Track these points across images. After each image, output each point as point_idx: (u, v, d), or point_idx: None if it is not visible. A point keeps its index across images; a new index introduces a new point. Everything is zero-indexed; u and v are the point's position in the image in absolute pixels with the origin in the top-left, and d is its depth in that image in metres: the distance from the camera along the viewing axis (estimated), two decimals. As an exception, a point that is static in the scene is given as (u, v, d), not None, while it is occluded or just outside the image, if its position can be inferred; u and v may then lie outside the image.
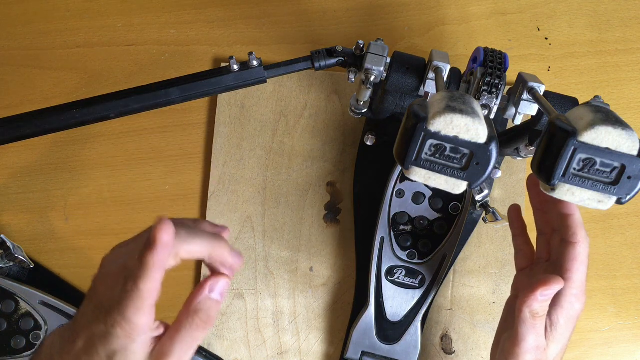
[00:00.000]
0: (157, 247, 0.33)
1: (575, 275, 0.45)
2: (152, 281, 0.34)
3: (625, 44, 0.64)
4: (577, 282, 0.45)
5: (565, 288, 0.45)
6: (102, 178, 0.62)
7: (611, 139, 0.33)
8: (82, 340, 0.36)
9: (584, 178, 0.35)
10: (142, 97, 0.48)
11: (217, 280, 0.38)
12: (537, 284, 0.44)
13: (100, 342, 0.35)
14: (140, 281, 0.34)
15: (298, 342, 0.60)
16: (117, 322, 0.34)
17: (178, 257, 0.36)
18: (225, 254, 0.39)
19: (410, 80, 0.48)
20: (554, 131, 0.34)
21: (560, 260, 0.46)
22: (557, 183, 0.35)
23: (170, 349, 0.36)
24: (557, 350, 0.46)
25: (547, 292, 0.44)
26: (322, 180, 0.62)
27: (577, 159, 0.34)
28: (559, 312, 0.45)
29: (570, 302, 0.45)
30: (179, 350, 0.36)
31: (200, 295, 0.37)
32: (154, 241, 0.33)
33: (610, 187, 0.35)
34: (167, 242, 0.34)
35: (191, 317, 0.37)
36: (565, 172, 0.34)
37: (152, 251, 0.33)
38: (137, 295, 0.34)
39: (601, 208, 0.36)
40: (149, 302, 0.34)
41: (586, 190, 0.35)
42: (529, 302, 0.44)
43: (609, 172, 0.35)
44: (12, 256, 0.56)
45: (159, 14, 0.64)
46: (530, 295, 0.44)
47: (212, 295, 0.38)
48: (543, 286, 0.43)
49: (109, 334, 0.34)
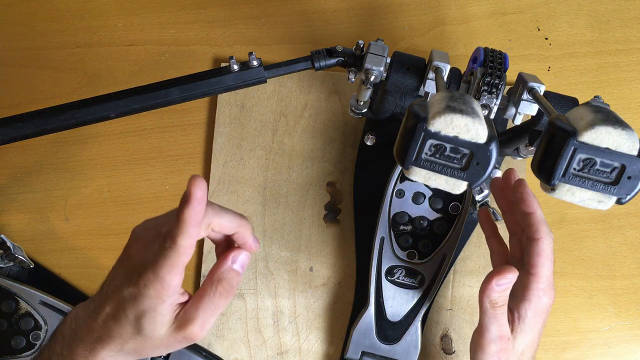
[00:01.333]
0: (193, 202, 0.35)
1: (540, 270, 0.47)
2: (189, 237, 0.36)
3: (625, 44, 0.64)
4: (543, 277, 0.47)
5: (532, 282, 0.47)
6: (102, 178, 0.62)
7: (611, 139, 0.33)
8: (110, 306, 0.38)
9: (584, 178, 0.35)
10: (142, 97, 0.48)
11: (239, 252, 0.41)
12: (492, 274, 0.46)
13: (130, 303, 0.37)
14: (178, 237, 0.35)
15: (298, 342, 0.60)
16: (150, 281, 0.36)
17: (209, 227, 0.38)
18: (249, 234, 0.41)
19: (410, 80, 0.48)
20: (554, 131, 0.34)
21: (527, 257, 0.48)
22: (557, 183, 0.35)
23: (195, 314, 0.38)
24: (526, 341, 0.48)
25: (502, 282, 0.46)
26: (322, 180, 0.62)
27: (577, 159, 0.34)
28: (527, 305, 0.47)
29: (537, 296, 0.47)
30: (203, 316, 0.38)
31: (224, 265, 0.40)
32: (189, 196, 0.35)
33: (610, 187, 0.35)
34: (201, 197, 0.35)
35: (215, 285, 0.39)
36: (565, 172, 0.34)
37: (188, 205, 0.35)
38: (174, 252, 0.35)
39: (601, 208, 0.36)
40: (184, 259, 0.36)
41: (586, 190, 0.35)
42: (487, 293, 0.46)
43: (609, 172, 0.35)
44: (12, 256, 0.56)
45: (159, 14, 0.64)
46: (487, 286, 0.46)
47: (234, 266, 0.40)
48: (497, 276, 0.46)
49: (140, 294, 0.36)
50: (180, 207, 0.35)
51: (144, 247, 0.38)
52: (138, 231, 0.40)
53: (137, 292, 0.36)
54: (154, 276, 0.36)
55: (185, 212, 0.35)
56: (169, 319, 0.38)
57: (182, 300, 0.39)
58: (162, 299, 0.36)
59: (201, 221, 0.36)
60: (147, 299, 0.36)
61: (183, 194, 0.35)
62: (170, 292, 0.36)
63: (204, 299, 0.39)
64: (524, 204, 0.47)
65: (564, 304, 0.61)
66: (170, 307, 0.37)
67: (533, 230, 0.47)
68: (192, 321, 0.38)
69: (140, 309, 0.37)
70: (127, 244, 0.40)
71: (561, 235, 0.61)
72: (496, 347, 0.47)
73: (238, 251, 0.41)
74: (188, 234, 0.35)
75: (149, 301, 0.36)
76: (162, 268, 0.36)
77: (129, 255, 0.39)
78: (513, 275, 0.46)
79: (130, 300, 0.37)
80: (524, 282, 0.47)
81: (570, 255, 0.61)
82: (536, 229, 0.47)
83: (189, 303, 0.39)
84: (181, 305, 0.39)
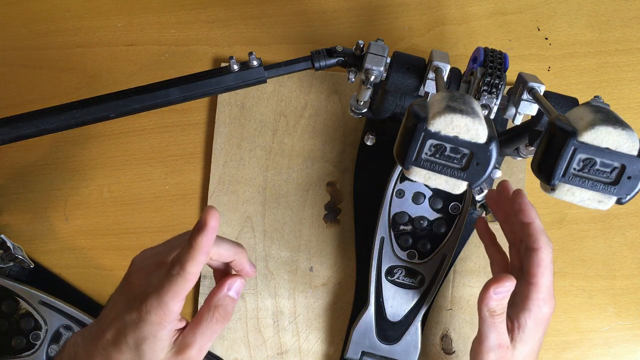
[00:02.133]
0: (207, 230, 0.37)
1: (540, 280, 0.47)
2: (198, 264, 0.37)
3: (625, 44, 0.64)
4: (542, 287, 0.47)
5: (531, 292, 0.47)
6: (102, 178, 0.62)
7: (611, 139, 0.33)
8: (110, 333, 0.39)
9: (584, 178, 0.35)
10: (142, 97, 0.48)
11: (234, 280, 0.42)
12: (490, 282, 0.46)
13: (131, 329, 0.38)
14: (188, 263, 0.37)
15: (298, 342, 0.60)
16: (152, 307, 0.37)
17: (208, 255, 0.39)
18: (245, 261, 0.44)
19: (410, 80, 0.48)
20: (554, 131, 0.34)
21: (526, 267, 0.48)
22: (557, 183, 0.35)
23: (192, 339, 0.39)
24: (526, 350, 0.48)
25: (500, 290, 0.46)
26: (322, 180, 0.62)
27: (577, 159, 0.34)
28: (526, 314, 0.47)
29: (537, 306, 0.47)
30: (200, 341, 0.40)
31: (221, 292, 0.42)
32: (204, 224, 0.37)
33: (610, 187, 0.35)
34: (215, 227, 0.37)
35: (212, 311, 0.41)
36: (565, 172, 0.34)
37: (201, 233, 0.37)
38: (182, 278, 0.37)
39: (601, 208, 0.36)
40: (188, 286, 0.37)
41: (586, 190, 0.35)
42: (485, 301, 0.46)
43: (609, 172, 0.35)
44: (12, 256, 0.56)
45: (159, 14, 0.64)
46: (485, 294, 0.46)
47: (230, 293, 0.42)
48: (495, 284, 0.46)
49: (142, 320, 0.37)
50: (193, 234, 0.37)
51: (146, 275, 0.39)
52: (138, 261, 0.41)
53: (139, 318, 0.37)
54: (158, 302, 0.37)
55: (198, 239, 0.37)
56: (168, 344, 0.39)
57: (180, 326, 0.40)
58: (164, 324, 0.38)
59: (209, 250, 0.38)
60: (149, 325, 0.37)
61: (198, 222, 0.37)
62: (171, 318, 0.38)
63: (202, 325, 0.40)
64: (522, 214, 0.48)
65: (564, 304, 0.61)
66: (170, 333, 0.39)
67: (532, 240, 0.47)
68: (190, 346, 0.39)
69: (141, 335, 0.38)
70: (127, 273, 0.41)
71: (561, 235, 0.61)
72: (495, 356, 0.47)
73: (234, 279, 0.42)
74: (198, 260, 0.37)
75: (151, 327, 0.37)
76: (166, 294, 0.37)
77: (130, 283, 0.40)
78: (511, 283, 0.46)
79: (132, 326, 0.38)
80: (523, 291, 0.47)
81: (570, 255, 0.61)
82: (535, 239, 0.47)
83: (186, 328, 0.40)
84: (179, 331, 0.40)
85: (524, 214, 0.48)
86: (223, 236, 0.43)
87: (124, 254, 0.61)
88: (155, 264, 0.40)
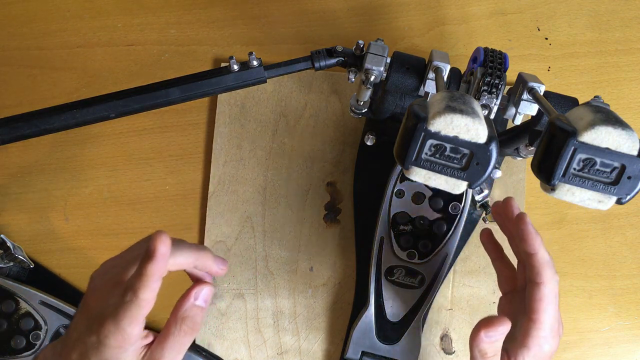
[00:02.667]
0: (157, 258, 0.35)
1: (542, 316, 0.43)
2: (151, 291, 0.35)
3: (625, 44, 0.64)
4: (544, 324, 0.43)
5: (532, 329, 0.43)
6: (102, 178, 0.62)
7: (611, 139, 0.33)
8: (75, 353, 0.37)
9: (584, 178, 0.35)
10: (142, 97, 0.48)
11: (201, 288, 0.41)
12: (481, 324, 0.43)
13: (93, 353, 0.36)
14: (140, 291, 0.35)
15: (298, 342, 0.60)
16: (110, 332, 0.36)
17: (165, 269, 0.37)
18: (209, 262, 0.41)
19: (410, 80, 0.48)
20: (554, 131, 0.34)
21: (528, 300, 0.44)
22: (557, 183, 0.35)
23: (160, 354, 0.38)
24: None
25: (491, 334, 0.43)
26: (322, 180, 0.62)
27: (577, 159, 0.34)
28: (525, 352, 0.44)
29: (537, 345, 0.43)
30: (169, 355, 0.38)
31: (187, 302, 0.40)
32: (153, 252, 0.35)
33: (610, 187, 0.35)
34: (165, 253, 0.36)
35: (179, 324, 0.39)
36: (565, 172, 0.34)
37: (151, 262, 0.35)
38: (135, 304, 0.35)
39: (601, 208, 0.36)
40: (145, 311, 0.36)
41: (586, 190, 0.35)
42: (476, 342, 0.43)
43: (609, 172, 0.35)
44: (12, 256, 0.56)
45: (159, 14, 0.64)
46: (476, 335, 0.43)
47: (197, 302, 0.40)
48: (485, 328, 0.43)
49: (102, 344, 0.36)
50: (143, 262, 0.35)
51: (102, 297, 0.38)
52: (96, 277, 0.40)
53: (98, 342, 0.36)
54: (115, 327, 0.36)
55: (148, 268, 0.35)
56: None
57: (146, 343, 0.39)
58: (124, 347, 0.36)
59: (163, 275, 0.36)
60: (109, 348, 0.36)
61: (146, 250, 0.35)
62: (131, 341, 0.36)
63: (169, 339, 0.39)
64: (525, 244, 0.44)
65: (564, 304, 0.61)
66: (135, 352, 0.38)
67: (535, 273, 0.44)
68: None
69: (103, 358, 0.37)
70: (86, 292, 0.40)
71: (561, 235, 0.62)
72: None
73: (200, 287, 0.41)
74: (150, 288, 0.35)
75: (111, 351, 0.36)
76: (123, 320, 0.35)
77: (88, 304, 0.39)
78: (504, 327, 0.43)
79: (93, 350, 0.36)
80: (524, 326, 0.44)
81: (570, 255, 0.61)
82: (538, 272, 0.44)
83: (154, 344, 0.39)
84: (146, 347, 0.39)
85: (526, 244, 0.44)
86: (182, 241, 0.41)
87: (124, 254, 0.61)
88: (113, 283, 0.38)
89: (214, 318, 0.60)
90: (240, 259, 0.61)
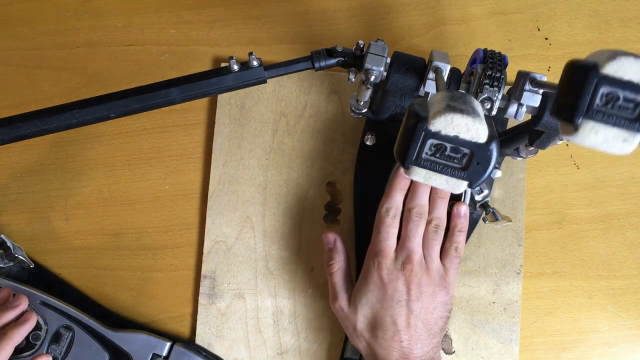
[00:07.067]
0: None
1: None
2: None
3: (625, 44, 0.64)
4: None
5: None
6: (102, 178, 0.62)
7: (635, 70, 0.31)
8: None
9: (608, 114, 0.32)
10: (142, 97, 0.48)
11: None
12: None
13: None
14: None
15: (298, 342, 0.60)
16: None
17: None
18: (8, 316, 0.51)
19: (410, 80, 0.48)
20: (574, 70, 0.32)
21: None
22: (581, 121, 0.32)
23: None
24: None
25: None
26: (322, 180, 0.62)
27: (600, 94, 0.32)
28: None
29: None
30: None
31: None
32: None
33: (636, 123, 0.32)
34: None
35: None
36: (588, 108, 0.32)
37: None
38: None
39: (625, 150, 0.33)
40: None
41: (610, 127, 0.32)
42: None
43: (632, 108, 0.32)
44: (12, 256, 0.56)
45: (159, 14, 0.64)
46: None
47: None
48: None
49: None
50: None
51: None
52: None
53: None
54: None
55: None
56: None
57: None
58: None
59: None
60: None
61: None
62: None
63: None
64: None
65: (564, 304, 0.61)
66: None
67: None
68: None
69: None
70: None
71: (561, 235, 0.62)
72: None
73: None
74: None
75: None
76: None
77: None
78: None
79: None
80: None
81: (570, 255, 0.61)
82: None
83: None
84: None
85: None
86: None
87: (124, 254, 0.61)
88: None
89: (214, 318, 0.60)
90: (240, 259, 0.61)
